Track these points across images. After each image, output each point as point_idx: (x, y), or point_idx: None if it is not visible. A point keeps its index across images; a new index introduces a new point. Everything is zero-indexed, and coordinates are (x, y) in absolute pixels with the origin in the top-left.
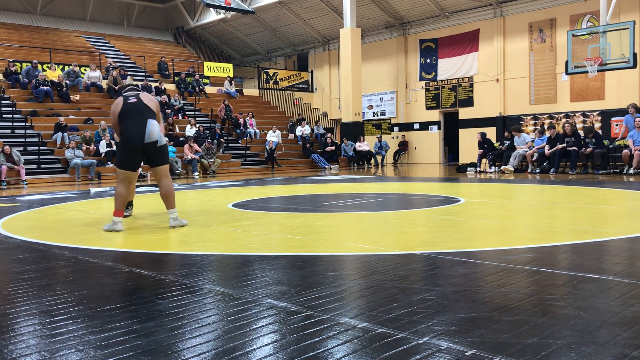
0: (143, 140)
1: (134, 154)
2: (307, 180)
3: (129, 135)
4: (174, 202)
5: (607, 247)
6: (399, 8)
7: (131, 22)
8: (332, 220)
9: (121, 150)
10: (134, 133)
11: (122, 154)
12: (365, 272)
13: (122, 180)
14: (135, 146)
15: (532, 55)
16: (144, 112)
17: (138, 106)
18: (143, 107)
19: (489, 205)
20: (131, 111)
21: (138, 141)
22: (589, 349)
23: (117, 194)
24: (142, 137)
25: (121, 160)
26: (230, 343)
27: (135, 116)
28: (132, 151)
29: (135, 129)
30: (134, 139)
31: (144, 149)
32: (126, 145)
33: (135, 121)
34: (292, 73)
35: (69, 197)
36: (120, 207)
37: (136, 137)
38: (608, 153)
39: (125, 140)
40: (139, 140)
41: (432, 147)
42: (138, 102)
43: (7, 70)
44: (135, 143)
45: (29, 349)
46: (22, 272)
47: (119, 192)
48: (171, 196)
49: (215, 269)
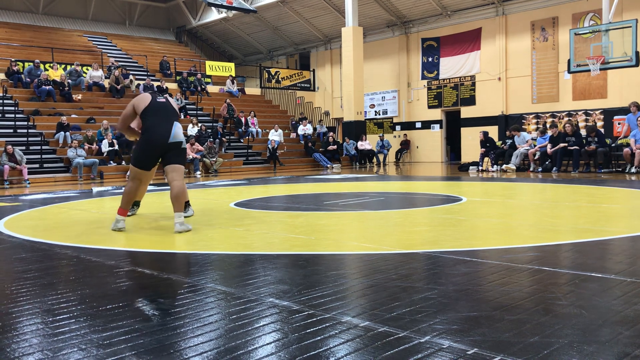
0: (168, 139)
1: (153, 153)
2: (309, 179)
3: (154, 132)
4: (182, 205)
5: (610, 246)
6: (401, 7)
7: (133, 22)
8: (334, 219)
9: (140, 147)
10: (160, 131)
11: (140, 151)
12: (367, 271)
13: (134, 178)
14: (157, 145)
15: (535, 54)
16: (171, 114)
17: (167, 106)
18: (172, 109)
19: (491, 204)
20: (159, 110)
21: (162, 140)
22: (590, 347)
23: (126, 191)
24: (168, 137)
25: (138, 157)
26: (232, 342)
27: (163, 116)
28: (152, 149)
29: (162, 127)
30: (158, 137)
31: (166, 149)
32: (147, 142)
33: (162, 120)
34: (294, 72)
35: (71, 197)
36: (126, 205)
37: (161, 136)
38: (610, 152)
39: (147, 138)
40: (164, 139)
41: (434, 146)
42: (167, 102)
43: (9, 69)
44: (159, 142)
45: (32, 347)
46: (24, 271)
47: (129, 189)
48: (181, 198)
49: (217, 268)
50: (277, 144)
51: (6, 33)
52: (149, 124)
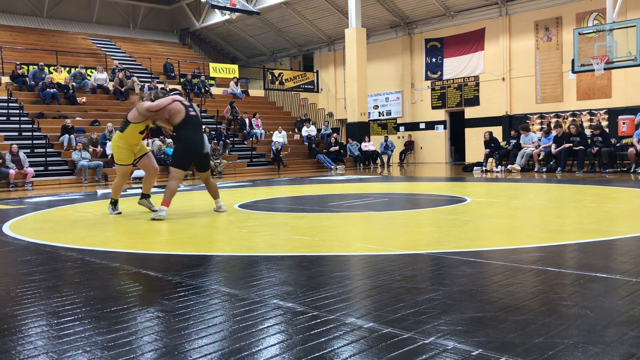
0: (202, 149)
1: (191, 158)
2: (313, 180)
3: (193, 142)
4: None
5: (615, 246)
6: (404, 8)
7: (137, 24)
8: (338, 221)
9: (182, 153)
10: (198, 143)
11: (182, 155)
12: (371, 272)
13: (177, 178)
14: (196, 153)
15: (538, 54)
16: (200, 125)
17: (198, 119)
18: (200, 120)
19: (495, 205)
20: (194, 123)
21: (200, 150)
22: (596, 348)
23: (170, 189)
24: (203, 148)
25: (180, 161)
26: (236, 343)
27: (197, 128)
28: (191, 156)
29: (198, 139)
30: (197, 147)
31: (201, 157)
32: (189, 150)
33: (197, 132)
34: (298, 73)
35: (76, 199)
36: (169, 198)
37: (200, 147)
38: (615, 151)
39: (189, 146)
40: (200, 149)
41: (438, 146)
42: (197, 115)
43: (14, 72)
44: (197, 151)
45: (37, 350)
46: (29, 274)
47: (173, 187)
48: (217, 189)
49: (221, 270)
50: (281, 146)
51: (11, 36)
52: (185, 133)
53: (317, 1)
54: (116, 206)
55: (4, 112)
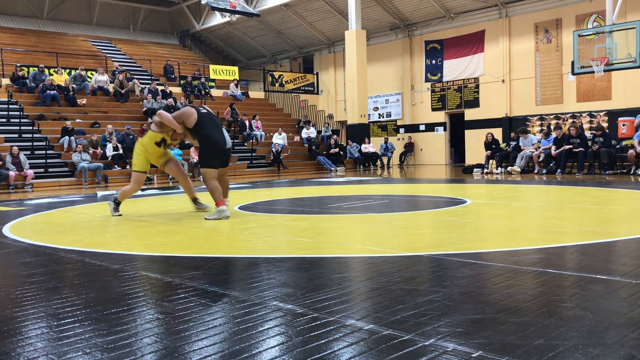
0: (226, 145)
1: (219, 155)
2: (313, 182)
3: (217, 140)
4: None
5: (615, 247)
6: (404, 9)
7: (137, 26)
8: (338, 222)
9: (210, 153)
10: (220, 141)
11: (211, 155)
12: (371, 274)
13: (213, 177)
14: (222, 150)
15: (538, 56)
16: (217, 121)
17: (212, 115)
18: (215, 117)
19: (495, 207)
20: (210, 120)
21: (225, 146)
22: (596, 350)
23: (213, 189)
24: (226, 144)
25: (211, 160)
26: (236, 345)
27: (215, 125)
28: (219, 153)
29: (220, 136)
30: (222, 144)
31: (226, 152)
32: (214, 148)
33: (217, 128)
34: (298, 75)
35: (76, 201)
36: (220, 197)
37: (224, 143)
38: (615, 153)
39: (213, 144)
40: (225, 145)
41: (438, 148)
42: (209, 112)
43: (14, 74)
44: (223, 147)
45: (37, 352)
46: (29, 276)
47: (215, 186)
48: (228, 187)
49: (221, 272)
50: (281, 147)
51: (11, 38)
52: (207, 133)
53: (317, 3)
54: (118, 208)
55: (4, 114)
